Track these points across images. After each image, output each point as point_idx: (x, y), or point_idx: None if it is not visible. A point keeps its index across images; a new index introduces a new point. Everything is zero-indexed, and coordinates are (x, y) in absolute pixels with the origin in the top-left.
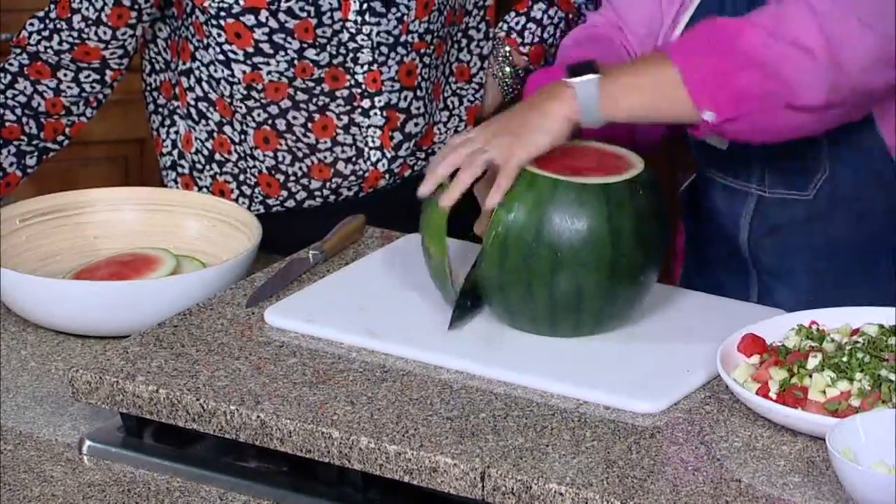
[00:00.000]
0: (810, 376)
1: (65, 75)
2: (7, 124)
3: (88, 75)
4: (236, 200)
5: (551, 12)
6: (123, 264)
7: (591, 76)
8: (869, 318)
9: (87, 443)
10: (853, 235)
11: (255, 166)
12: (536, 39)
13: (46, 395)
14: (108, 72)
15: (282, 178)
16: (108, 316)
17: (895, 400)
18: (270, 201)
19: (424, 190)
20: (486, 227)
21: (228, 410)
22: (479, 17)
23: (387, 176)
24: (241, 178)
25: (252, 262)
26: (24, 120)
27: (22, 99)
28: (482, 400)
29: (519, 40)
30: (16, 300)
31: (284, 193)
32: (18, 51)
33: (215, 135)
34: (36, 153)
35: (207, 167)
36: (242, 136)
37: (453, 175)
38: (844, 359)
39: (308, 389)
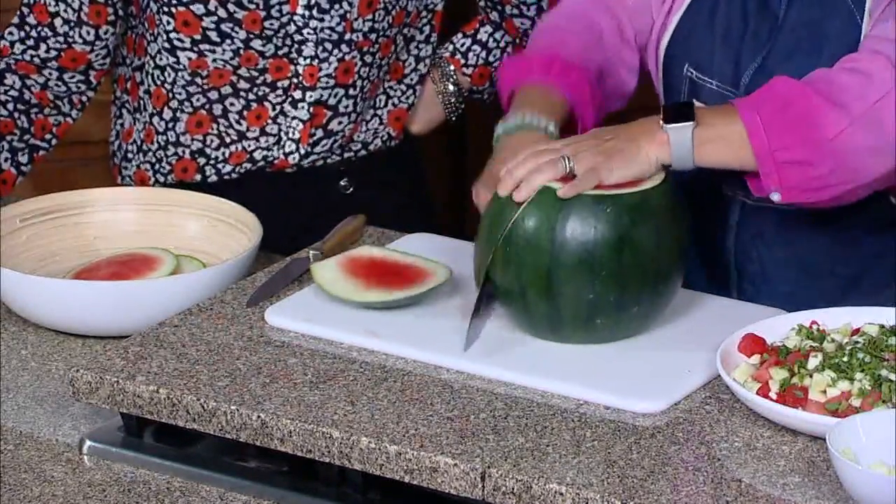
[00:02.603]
0: (811, 376)
1: (50, 74)
2: (1, 119)
3: (73, 76)
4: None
5: (497, 36)
6: (123, 264)
7: (685, 125)
8: (869, 318)
9: (88, 443)
10: (836, 249)
11: (175, 154)
12: (481, 62)
13: (46, 395)
14: (91, 72)
15: (202, 161)
16: (108, 316)
17: (895, 400)
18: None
19: (503, 191)
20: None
21: (228, 410)
22: (426, 20)
23: (295, 168)
24: (157, 166)
25: (252, 262)
26: (17, 115)
27: (14, 93)
28: (482, 400)
29: (462, 61)
30: (16, 300)
31: (198, 177)
32: None
33: (147, 126)
34: (27, 150)
35: (136, 157)
36: (171, 124)
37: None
38: (845, 359)
39: (308, 389)
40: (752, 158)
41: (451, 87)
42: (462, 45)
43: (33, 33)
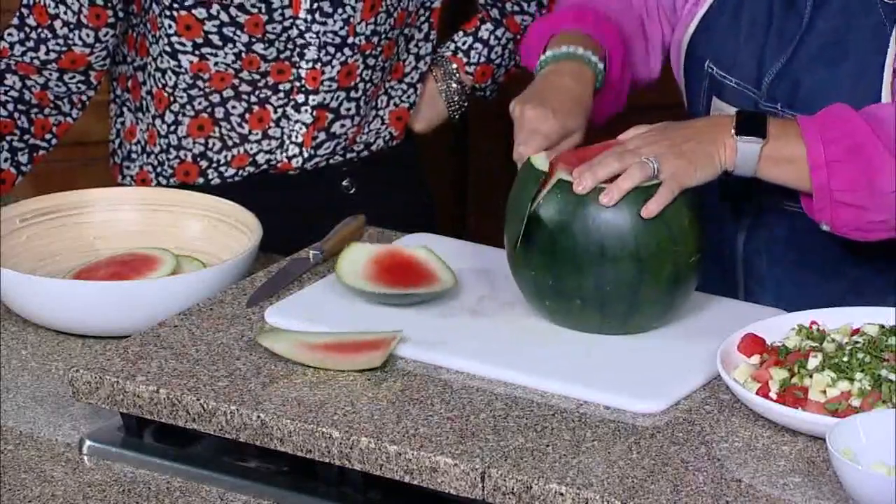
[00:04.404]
0: (810, 376)
1: (50, 75)
2: (1, 119)
3: (73, 76)
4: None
5: (498, 33)
6: (123, 264)
7: (755, 142)
8: (869, 318)
9: (88, 443)
10: (846, 256)
11: (176, 157)
12: (483, 59)
13: (46, 395)
14: (92, 73)
15: (205, 164)
16: (108, 316)
17: (895, 400)
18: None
19: (582, 189)
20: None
21: (228, 410)
22: (424, 18)
23: (297, 170)
24: (159, 169)
25: (252, 262)
26: (17, 115)
27: (14, 94)
28: (482, 400)
29: (465, 60)
30: (16, 300)
31: (201, 181)
32: None
33: (150, 127)
34: (27, 150)
35: (139, 158)
36: (174, 128)
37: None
38: (845, 359)
39: (308, 389)
40: (810, 186)
41: (454, 86)
42: (463, 43)
43: (33, 35)
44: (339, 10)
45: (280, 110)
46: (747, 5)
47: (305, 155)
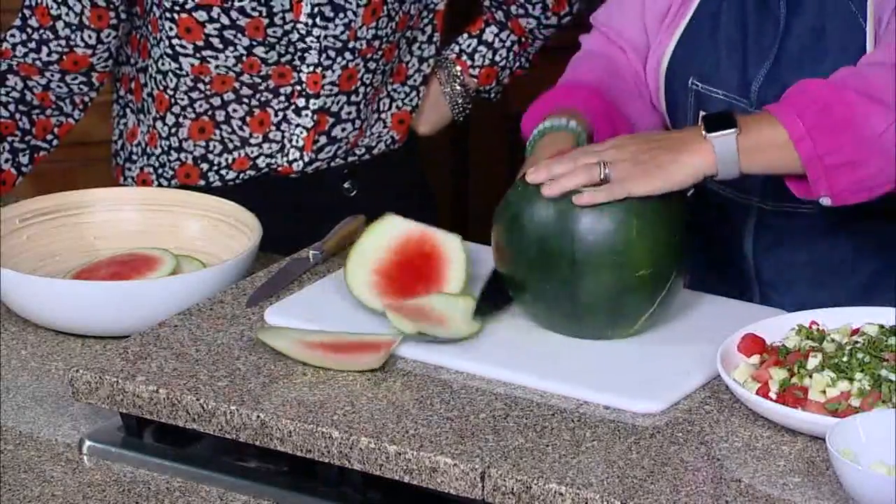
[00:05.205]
0: (810, 376)
1: (52, 76)
2: (2, 120)
3: (75, 77)
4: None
5: (503, 35)
6: (123, 264)
7: (728, 132)
8: (869, 318)
9: (87, 443)
10: (858, 252)
11: (178, 159)
12: (487, 62)
13: (46, 395)
14: (94, 74)
15: (205, 166)
16: (108, 316)
17: (895, 400)
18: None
19: (534, 180)
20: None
21: (228, 410)
22: (427, 20)
23: (298, 174)
24: (161, 171)
25: (252, 262)
26: (18, 116)
27: (15, 95)
28: (482, 400)
29: (469, 62)
30: (16, 300)
31: (201, 183)
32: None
33: (151, 129)
34: (28, 151)
35: (140, 159)
36: (174, 130)
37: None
38: (844, 359)
39: (308, 389)
40: (799, 164)
41: (457, 88)
42: (468, 45)
43: (35, 36)
44: (340, 15)
45: (281, 114)
46: (723, 16)
47: (306, 159)
